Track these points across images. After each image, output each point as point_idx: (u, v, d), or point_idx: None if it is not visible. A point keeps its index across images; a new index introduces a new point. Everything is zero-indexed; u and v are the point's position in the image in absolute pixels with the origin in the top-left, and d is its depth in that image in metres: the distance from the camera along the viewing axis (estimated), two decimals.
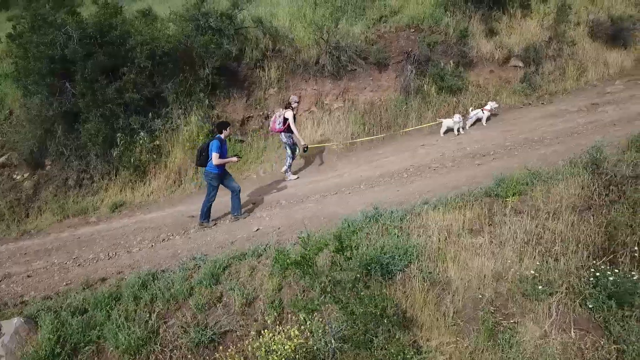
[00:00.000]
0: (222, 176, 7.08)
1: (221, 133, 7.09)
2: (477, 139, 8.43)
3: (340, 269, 3.81)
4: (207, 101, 9.77)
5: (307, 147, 8.63)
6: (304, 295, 4.82)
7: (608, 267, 4.42)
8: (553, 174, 5.56)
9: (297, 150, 8.71)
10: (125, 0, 19.68)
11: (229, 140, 9.23)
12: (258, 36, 10.76)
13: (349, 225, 5.45)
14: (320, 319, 4.03)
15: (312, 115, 10.38)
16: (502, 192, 5.41)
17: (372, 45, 10.90)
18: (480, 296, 4.50)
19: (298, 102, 8.82)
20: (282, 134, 8.45)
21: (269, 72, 10.59)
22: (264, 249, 5.50)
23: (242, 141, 9.92)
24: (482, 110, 9.39)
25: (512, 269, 4.69)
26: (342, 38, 10.59)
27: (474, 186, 5.95)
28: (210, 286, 5.14)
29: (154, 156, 9.38)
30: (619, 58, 10.60)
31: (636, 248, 4.51)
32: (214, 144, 6.89)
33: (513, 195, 5.35)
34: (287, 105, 8.60)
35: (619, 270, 4.44)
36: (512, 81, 10.33)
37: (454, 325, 4.42)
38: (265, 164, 9.28)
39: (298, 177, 8.65)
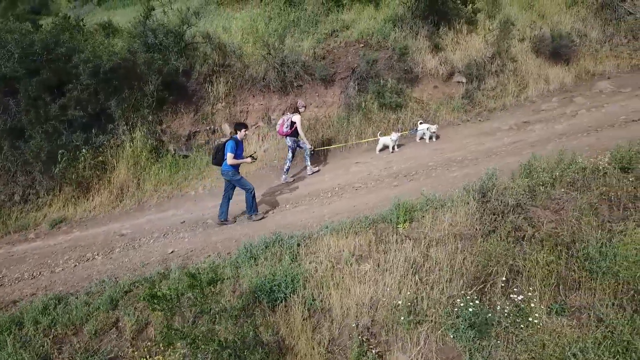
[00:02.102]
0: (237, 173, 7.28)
1: (237, 132, 7.29)
2: (407, 157, 8.59)
3: (192, 305, 3.95)
4: (150, 117, 9.90)
5: (313, 150, 9.04)
6: (193, 323, 4.98)
7: (475, 297, 4.58)
8: (446, 200, 5.70)
9: (306, 152, 8.97)
10: (91, 11, 19.90)
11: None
12: (207, 52, 10.90)
13: (247, 251, 5.60)
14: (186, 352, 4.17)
15: (259, 130, 10.52)
16: (394, 218, 5.57)
17: (321, 60, 11.05)
18: (354, 324, 4.65)
19: (305, 107, 9.08)
20: (288, 137, 8.73)
21: (218, 87, 10.73)
22: (165, 274, 5.64)
23: (186, 156, 10.07)
24: (428, 128, 9.49)
25: (389, 297, 4.84)
26: (290, 53, 10.74)
27: (378, 210, 6.10)
28: (108, 311, 5.29)
29: (98, 172, 9.52)
30: (561, 74, 10.76)
31: (504, 278, 4.67)
32: (230, 144, 7.10)
33: (404, 222, 5.50)
34: (295, 110, 8.87)
35: (485, 300, 4.61)
36: (455, 97, 10.49)
37: (328, 353, 4.58)
38: (205, 180, 9.41)
39: (319, 170, 9.05)
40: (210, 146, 10.36)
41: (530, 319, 4.24)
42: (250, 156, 7.45)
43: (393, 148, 9.09)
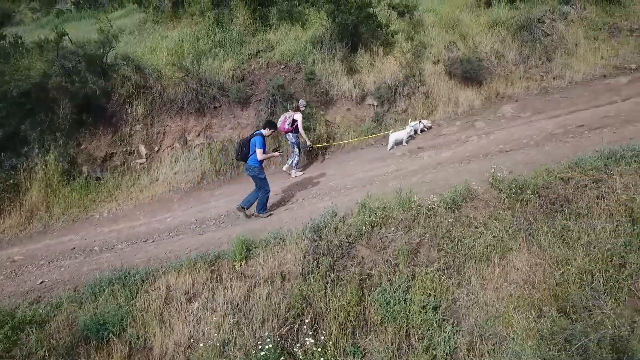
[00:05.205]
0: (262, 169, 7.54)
1: (264, 129, 7.57)
2: (299, 183, 8.79)
3: None
4: (61, 140, 10.06)
5: (312, 147, 9.68)
6: None
7: (279, 339, 4.79)
8: (287, 237, 5.90)
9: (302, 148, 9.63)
10: (48, 24, 19.96)
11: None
12: (126, 74, 11.06)
13: (92, 289, 5.79)
14: None
15: (173, 151, 10.71)
16: (232, 255, 5.77)
17: (239, 82, 11.25)
18: None
19: (305, 106, 9.67)
20: (290, 134, 9.32)
21: (136, 108, 10.90)
22: (14, 310, 5.82)
23: (99, 179, 10.24)
24: (420, 122, 10.24)
25: (208, 337, 5.04)
26: (208, 75, 10.94)
27: (230, 244, 6.27)
28: None
29: (9, 195, 9.69)
30: (471, 96, 10.95)
31: (307, 320, 4.87)
32: (258, 140, 7.36)
33: (241, 260, 5.70)
34: (297, 109, 9.49)
35: (288, 342, 4.82)
36: (366, 119, 10.69)
37: None
38: (112, 204, 9.59)
39: (304, 173, 9.47)
40: (126, 167, 10.57)
41: None
42: (276, 149, 7.99)
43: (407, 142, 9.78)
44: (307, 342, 4.60)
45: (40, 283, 6.81)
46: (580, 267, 4.74)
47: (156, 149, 10.86)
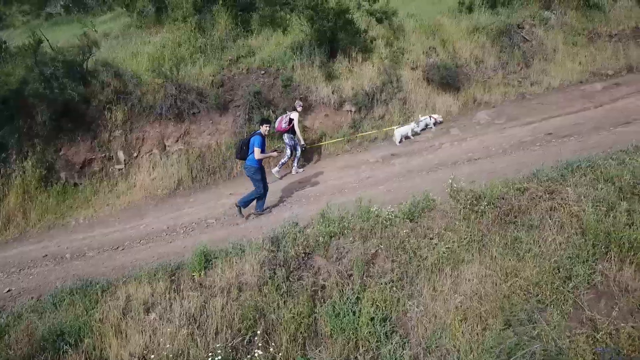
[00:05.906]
0: (260, 169, 7.61)
1: (261, 127, 7.70)
2: (271, 190, 8.81)
3: None
4: (39, 147, 10.12)
5: (305, 146, 9.90)
6: None
7: (230, 352, 4.84)
8: (246, 247, 5.95)
9: (297, 152, 9.82)
10: (37, 27, 20.01)
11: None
12: (106, 80, 11.11)
13: (53, 299, 5.84)
14: None
15: (152, 157, 10.75)
16: (191, 266, 5.82)
17: (219, 87, 11.30)
18: None
19: (302, 106, 9.93)
20: (285, 134, 9.51)
21: (116, 114, 10.95)
22: None
23: (77, 184, 10.29)
24: (430, 116, 10.34)
25: (162, 348, 5.08)
26: (187, 81, 10.99)
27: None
28: None
29: None
30: (449, 102, 11.01)
31: (259, 331, 4.92)
32: (257, 140, 7.47)
33: (199, 270, 5.75)
34: (293, 108, 9.77)
35: (240, 354, 4.86)
36: (343, 125, 10.75)
37: None
38: (89, 210, 9.64)
39: (281, 179, 9.61)
40: (103, 174, 10.62)
41: None
42: (275, 150, 8.25)
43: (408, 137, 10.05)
44: (256, 354, 4.65)
45: (7, 291, 6.85)
46: (528, 278, 4.79)
47: (135, 154, 10.90)
